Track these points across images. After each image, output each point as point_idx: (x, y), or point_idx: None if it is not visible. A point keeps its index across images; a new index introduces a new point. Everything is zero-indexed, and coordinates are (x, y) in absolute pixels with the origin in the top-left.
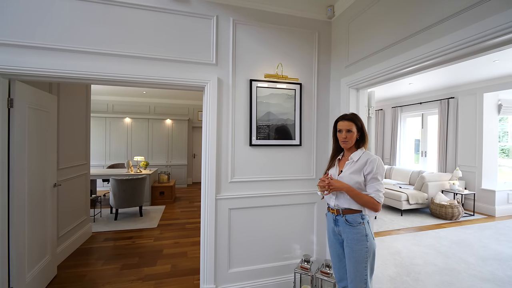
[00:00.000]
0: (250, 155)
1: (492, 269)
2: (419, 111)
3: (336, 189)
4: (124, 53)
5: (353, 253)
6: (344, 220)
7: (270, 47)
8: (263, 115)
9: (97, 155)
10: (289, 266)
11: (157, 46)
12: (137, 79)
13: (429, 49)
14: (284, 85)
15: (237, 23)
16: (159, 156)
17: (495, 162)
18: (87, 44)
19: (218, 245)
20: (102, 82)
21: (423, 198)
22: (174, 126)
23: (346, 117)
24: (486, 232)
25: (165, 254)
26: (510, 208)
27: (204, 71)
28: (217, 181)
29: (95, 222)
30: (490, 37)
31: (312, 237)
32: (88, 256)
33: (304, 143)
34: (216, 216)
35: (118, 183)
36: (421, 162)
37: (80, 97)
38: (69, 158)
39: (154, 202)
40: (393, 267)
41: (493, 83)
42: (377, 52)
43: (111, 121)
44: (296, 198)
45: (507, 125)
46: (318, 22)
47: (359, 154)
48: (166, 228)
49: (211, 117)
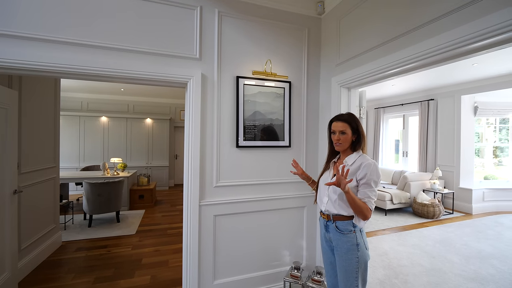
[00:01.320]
0: (237, 157)
1: (475, 267)
2: (400, 112)
3: (343, 186)
4: (97, 43)
5: (342, 262)
6: (335, 227)
7: (258, 42)
8: (251, 114)
9: (70, 156)
10: (279, 274)
11: (135, 37)
12: (111, 73)
13: (424, 48)
14: (273, 83)
15: (223, 15)
16: (138, 158)
17: (471, 162)
18: (54, 32)
19: (202, 255)
20: (71, 76)
21: (406, 198)
22: (154, 125)
23: (341, 117)
24: (465, 230)
25: (144, 264)
26: (485, 206)
27: (186, 66)
28: (201, 186)
29: (66, 230)
30: (484, 37)
31: (302, 242)
32: (57, 269)
33: (293, 144)
34: (200, 224)
35: (92, 187)
36: (402, 162)
37: (47, 94)
38: (34, 161)
39: (132, 206)
40: (381, 269)
41: (470, 85)
42: (370, 50)
43: (85, 120)
44: (285, 202)
45: (478, 126)
46: (308, 18)
47: (354, 158)
48: (145, 234)
49: (194, 116)
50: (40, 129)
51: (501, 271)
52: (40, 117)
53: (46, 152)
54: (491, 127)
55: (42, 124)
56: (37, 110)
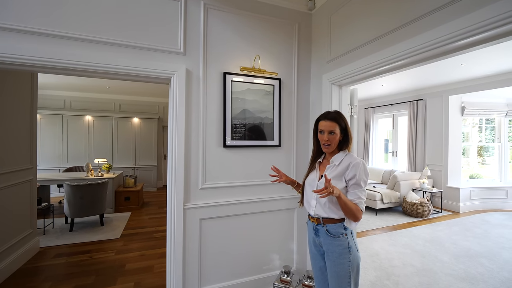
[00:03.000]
0: (224, 157)
1: (464, 267)
2: (390, 112)
3: (334, 194)
4: (74, 35)
5: (334, 267)
6: (325, 231)
7: (246, 37)
8: (239, 112)
9: (52, 157)
10: (268, 278)
11: (113, 28)
12: (83, 67)
13: (417, 43)
14: (262, 80)
15: (209, 7)
16: (125, 158)
17: (459, 161)
18: (16, 20)
19: (187, 261)
20: (37, 69)
21: (395, 197)
22: (142, 125)
23: (328, 116)
24: (454, 229)
25: (127, 270)
26: (472, 205)
27: (170, 60)
28: (186, 188)
29: (46, 235)
30: (480, 31)
31: (292, 245)
32: (32, 278)
33: (283, 144)
34: (184, 228)
35: (73, 189)
36: (392, 162)
37: (22, 91)
38: (5, 162)
39: (118, 208)
40: (372, 270)
41: (458, 86)
42: (362, 46)
43: (69, 119)
44: (275, 204)
45: (464, 126)
46: (298, 13)
47: (341, 157)
48: (130, 238)
49: (178, 114)
50: (13, 129)
51: (490, 270)
52: (13, 116)
53: (21, 153)
54: (476, 127)
55: (16, 123)
56: (9, 108)
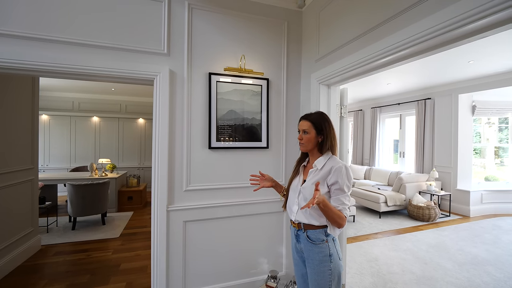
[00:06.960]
0: (210, 159)
1: (468, 275)
2: (397, 111)
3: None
4: (56, 38)
5: (314, 275)
6: (306, 236)
7: (233, 37)
8: (225, 113)
9: (61, 157)
10: (257, 282)
11: (94, 30)
12: (71, 69)
13: (405, 36)
14: (250, 80)
15: (194, 7)
16: (130, 158)
17: (469, 163)
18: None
19: (171, 264)
20: (22, 73)
21: (401, 200)
22: (147, 125)
23: (307, 116)
24: (461, 234)
25: (121, 270)
26: (483, 208)
27: (153, 61)
28: (170, 189)
29: (49, 233)
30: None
31: (281, 249)
32: (30, 275)
33: (272, 146)
34: (168, 231)
35: (75, 188)
36: (400, 163)
37: (23, 92)
38: (8, 162)
39: (121, 208)
40: (369, 276)
41: (468, 84)
42: (349, 43)
43: (76, 120)
44: (263, 206)
45: (479, 126)
46: (287, 11)
47: (324, 161)
48: (129, 238)
49: (162, 115)
50: (13, 129)
51: (496, 279)
52: (13, 117)
53: (22, 153)
54: (493, 126)
55: (17, 124)
56: (10, 109)
